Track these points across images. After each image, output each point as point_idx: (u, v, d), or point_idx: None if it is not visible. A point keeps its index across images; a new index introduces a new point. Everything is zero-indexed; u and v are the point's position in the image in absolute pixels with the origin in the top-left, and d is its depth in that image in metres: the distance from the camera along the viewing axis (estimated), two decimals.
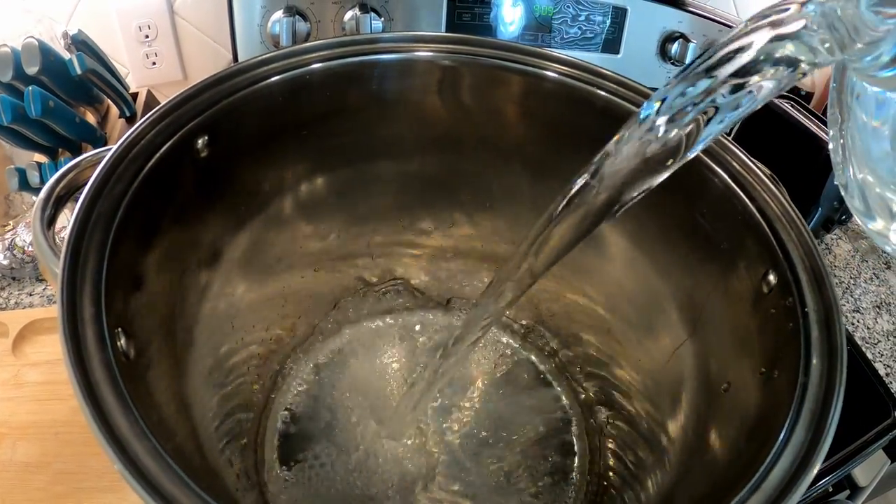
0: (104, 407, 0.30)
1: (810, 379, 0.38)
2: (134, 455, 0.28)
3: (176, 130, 0.46)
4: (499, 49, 0.58)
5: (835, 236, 1.00)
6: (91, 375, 0.31)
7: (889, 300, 0.90)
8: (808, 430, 0.35)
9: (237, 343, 0.59)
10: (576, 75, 0.57)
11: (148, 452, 0.28)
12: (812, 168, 0.87)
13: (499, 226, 0.70)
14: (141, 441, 0.29)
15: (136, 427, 0.29)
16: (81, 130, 0.71)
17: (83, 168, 0.44)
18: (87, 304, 0.34)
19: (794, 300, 0.42)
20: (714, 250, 0.51)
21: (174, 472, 0.28)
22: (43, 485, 0.55)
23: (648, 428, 0.58)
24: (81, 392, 0.29)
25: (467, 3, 0.85)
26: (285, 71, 0.53)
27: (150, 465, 0.28)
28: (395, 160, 0.64)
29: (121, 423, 0.29)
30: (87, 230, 0.38)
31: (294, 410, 0.64)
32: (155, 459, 0.28)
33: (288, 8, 0.80)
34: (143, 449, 0.28)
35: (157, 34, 0.88)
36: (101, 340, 0.33)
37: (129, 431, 0.29)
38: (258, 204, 0.58)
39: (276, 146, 0.57)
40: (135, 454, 0.28)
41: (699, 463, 0.46)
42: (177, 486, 0.28)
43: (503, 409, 0.66)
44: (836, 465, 0.66)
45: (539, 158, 0.63)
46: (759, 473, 0.33)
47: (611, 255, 0.63)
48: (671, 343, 0.56)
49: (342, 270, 0.70)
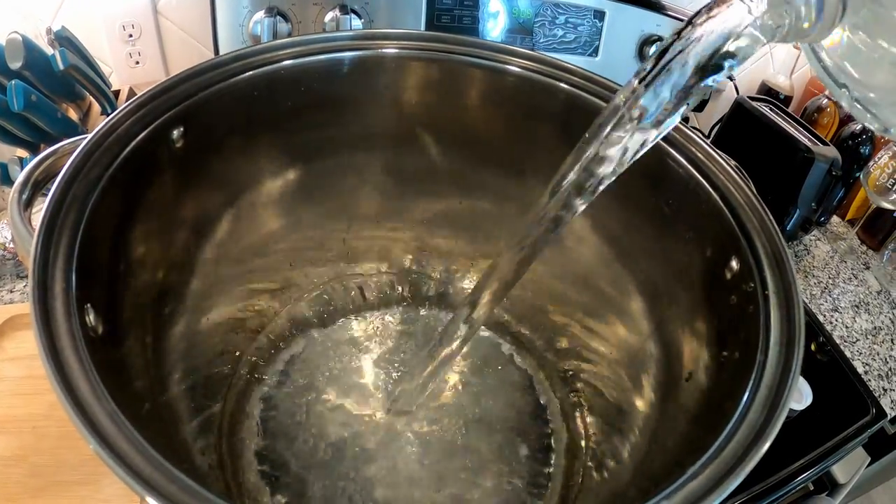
0: (68, 372, 0.30)
1: (769, 358, 0.38)
2: (93, 415, 0.29)
3: (152, 121, 0.47)
4: (465, 45, 0.60)
5: (813, 237, 1.01)
6: (58, 341, 0.31)
7: (867, 300, 0.91)
8: (765, 405, 0.36)
9: (210, 331, 0.60)
10: (540, 69, 0.59)
11: (108, 415, 0.29)
12: (790, 170, 0.89)
13: (470, 219, 0.71)
14: (101, 403, 0.29)
15: (97, 390, 0.30)
16: (63, 126, 0.71)
17: (61, 154, 0.45)
18: (59, 278, 0.35)
19: (755, 285, 0.43)
20: (679, 238, 0.52)
21: (134, 437, 0.29)
22: (20, 478, 0.55)
23: (616, 405, 0.59)
24: (47, 357, 0.30)
25: (447, 5, 0.86)
26: (260, 66, 0.54)
27: (108, 428, 0.29)
28: (367, 154, 0.65)
29: (83, 387, 0.30)
30: (61, 210, 0.39)
31: (269, 400, 0.64)
32: (115, 422, 0.29)
33: (269, 9, 0.81)
34: (102, 410, 0.29)
35: (141, 34, 0.89)
36: (69, 314, 0.34)
37: (90, 394, 0.30)
38: (233, 195, 0.59)
39: (250, 139, 0.58)
40: (94, 414, 0.29)
41: (666, 433, 0.47)
42: (135, 449, 0.29)
43: (477, 392, 0.67)
44: (816, 461, 0.67)
45: (507, 152, 0.65)
46: (716, 444, 0.34)
47: (577, 241, 0.64)
48: (637, 328, 0.57)
49: (314, 263, 0.71)
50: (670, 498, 0.31)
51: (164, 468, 0.28)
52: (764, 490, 0.64)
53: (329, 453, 0.59)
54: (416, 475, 0.59)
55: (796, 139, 0.88)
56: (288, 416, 0.62)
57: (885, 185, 0.88)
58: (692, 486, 0.31)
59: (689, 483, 0.32)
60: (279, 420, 0.61)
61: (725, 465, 0.33)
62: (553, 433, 0.64)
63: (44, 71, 0.70)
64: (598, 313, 0.64)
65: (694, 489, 0.31)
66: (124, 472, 0.28)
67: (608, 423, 0.61)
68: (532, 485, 0.60)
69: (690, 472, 0.32)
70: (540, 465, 0.61)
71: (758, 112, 0.94)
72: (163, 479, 0.28)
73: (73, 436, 0.56)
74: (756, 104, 0.96)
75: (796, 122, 0.92)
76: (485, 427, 0.63)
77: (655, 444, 0.49)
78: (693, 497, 0.31)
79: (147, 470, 0.28)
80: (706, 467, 0.33)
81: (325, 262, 0.72)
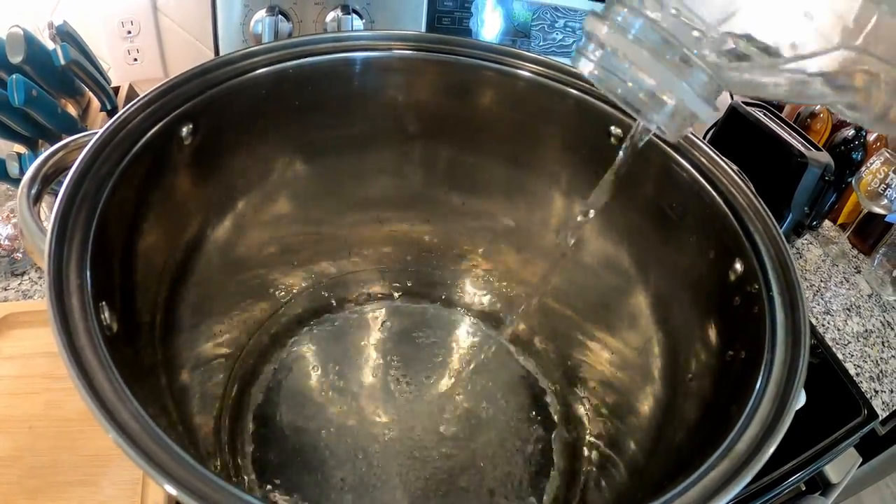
0: (90, 371, 0.30)
1: (776, 356, 0.39)
2: (118, 415, 0.29)
3: (161, 117, 0.47)
4: (473, 48, 0.60)
5: (806, 241, 1.02)
6: (77, 339, 0.31)
7: (859, 303, 0.92)
8: (774, 401, 0.37)
9: (219, 325, 0.60)
10: (549, 74, 0.59)
11: (132, 415, 0.29)
12: (783, 174, 0.90)
13: (474, 219, 0.72)
14: (124, 403, 0.29)
15: (118, 390, 0.30)
16: (63, 121, 0.70)
17: (71, 149, 0.44)
18: (73, 275, 0.35)
19: (759, 286, 0.44)
20: (684, 241, 0.53)
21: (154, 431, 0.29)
22: (15, 479, 0.54)
23: (621, 404, 0.60)
24: (69, 356, 0.30)
25: (447, 7, 0.87)
26: (269, 64, 0.55)
27: (133, 427, 0.29)
28: (373, 153, 0.66)
29: (105, 387, 0.30)
30: (73, 207, 0.39)
31: (271, 392, 0.64)
32: (139, 422, 0.29)
33: (270, 7, 0.81)
34: (125, 410, 0.29)
35: (140, 31, 0.88)
36: (85, 311, 0.34)
37: (112, 394, 0.30)
38: (240, 192, 0.59)
39: (258, 137, 0.58)
40: (118, 413, 0.29)
41: (672, 432, 0.48)
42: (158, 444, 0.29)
43: (479, 392, 0.67)
44: (809, 461, 0.68)
45: (514, 154, 0.65)
46: (729, 439, 0.35)
47: (583, 245, 0.64)
48: (641, 328, 0.57)
49: (318, 259, 0.72)
50: (685, 493, 0.31)
51: (189, 464, 0.28)
52: (758, 490, 0.64)
53: (326, 454, 0.60)
54: (416, 474, 0.59)
55: (790, 144, 0.89)
56: (288, 413, 0.62)
57: (876, 190, 0.89)
58: (705, 481, 0.32)
59: (702, 479, 0.32)
60: (279, 418, 0.62)
61: (739, 459, 0.34)
62: (556, 433, 0.65)
63: (44, 66, 0.69)
64: (603, 315, 0.65)
65: (707, 485, 0.32)
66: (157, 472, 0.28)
67: (613, 422, 0.62)
68: (535, 485, 0.60)
69: (704, 468, 0.33)
70: (542, 467, 0.62)
71: (752, 117, 0.95)
72: (188, 475, 0.28)
73: (70, 436, 0.56)
74: (750, 109, 0.97)
75: (790, 128, 0.93)
76: (487, 427, 0.64)
77: (661, 444, 0.49)
78: (708, 492, 0.31)
79: (174, 467, 0.28)
80: (719, 462, 0.33)
81: (329, 259, 0.72)
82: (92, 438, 0.56)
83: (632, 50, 0.33)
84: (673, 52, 0.33)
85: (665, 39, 0.32)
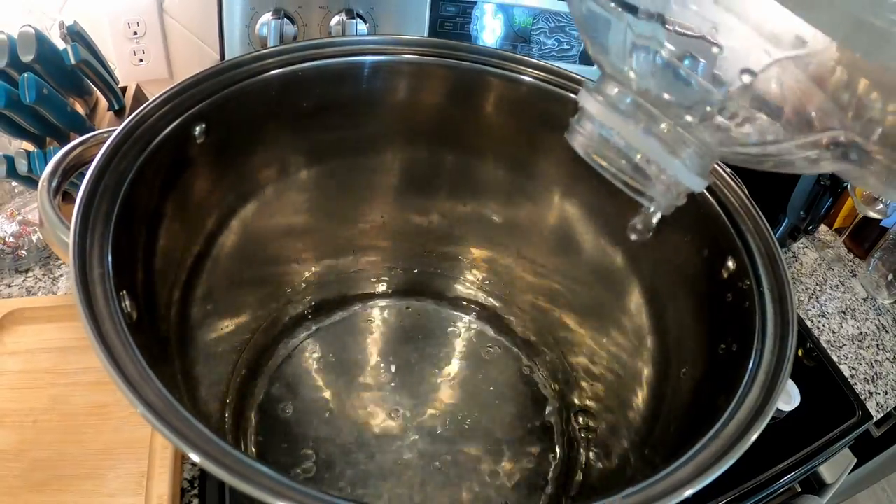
0: (114, 351, 0.32)
1: (765, 347, 0.41)
2: (140, 389, 0.31)
3: (176, 117, 0.49)
4: (478, 54, 0.62)
5: (801, 245, 1.03)
6: (102, 325, 0.33)
7: (854, 306, 0.93)
8: (763, 388, 0.39)
9: (227, 319, 0.62)
10: (552, 80, 0.61)
11: (155, 393, 0.31)
12: (779, 179, 0.91)
13: (476, 221, 0.73)
14: (150, 385, 0.31)
15: (144, 374, 0.32)
16: (71, 120, 0.72)
17: (90, 145, 0.46)
18: (96, 265, 0.37)
19: (750, 282, 0.46)
20: (678, 239, 0.55)
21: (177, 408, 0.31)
22: (21, 472, 0.54)
23: (615, 397, 0.62)
24: (98, 342, 0.32)
25: (449, 12, 0.88)
26: (279, 67, 0.56)
27: (157, 404, 0.31)
28: (380, 155, 0.68)
29: (131, 370, 0.32)
30: (94, 200, 0.40)
31: (275, 385, 0.66)
32: (167, 405, 0.31)
33: (276, 10, 0.82)
34: (153, 393, 0.31)
35: (146, 32, 0.90)
36: (107, 299, 0.35)
37: (139, 378, 0.31)
38: (250, 190, 0.60)
39: (268, 138, 0.59)
40: (142, 390, 0.31)
41: (667, 421, 0.49)
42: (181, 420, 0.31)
43: (476, 386, 0.69)
44: (803, 461, 0.69)
45: (517, 158, 0.67)
46: (719, 423, 0.37)
47: (578, 243, 0.66)
48: (635, 324, 0.59)
49: (324, 257, 0.73)
50: (679, 471, 0.33)
51: (210, 438, 0.30)
52: (752, 488, 0.65)
53: (327, 449, 0.61)
54: (416, 470, 0.61)
55: None
56: (287, 411, 0.64)
57: (871, 194, 0.90)
58: (698, 460, 0.34)
59: (695, 458, 0.34)
60: (283, 411, 0.63)
61: (729, 440, 0.36)
62: (552, 426, 0.66)
63: (54, 65, 0.70)
64: (598, 310, 0.67)
65: (700, 461, 0.34)
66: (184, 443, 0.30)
67: (610, 415, 0.63)
68: (532, 478, 0.62)
69: (696, 449, 0.35)
70: (540, 459, 0.63)
71: None
72: (211, 447, 0.30)
73: (75, 430, 0.57)
74: None
75: None
76: (484, 421, 0.65)
77: (655, 432, 0.51)
78: (700, 469, 0.33)
79: (198, 440, 0.30)
80: (711, 443, 0.36)
81: (334, 257, 0.74)
82: (97, 433, 0.57)
83: (623, 127, 0.33)
84: (666, 126, 0.32)
85: (656, 116, 0.32)
